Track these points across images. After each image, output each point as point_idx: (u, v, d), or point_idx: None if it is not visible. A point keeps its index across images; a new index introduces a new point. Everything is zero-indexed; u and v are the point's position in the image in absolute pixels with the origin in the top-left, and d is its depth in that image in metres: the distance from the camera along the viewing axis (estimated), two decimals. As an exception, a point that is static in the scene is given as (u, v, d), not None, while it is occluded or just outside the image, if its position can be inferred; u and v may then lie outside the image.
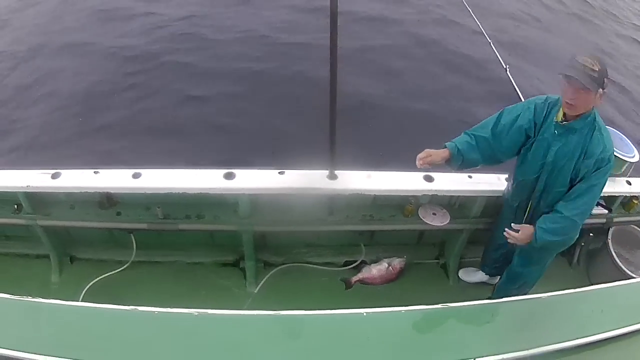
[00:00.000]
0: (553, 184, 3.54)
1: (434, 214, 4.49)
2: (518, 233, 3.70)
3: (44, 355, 2.76)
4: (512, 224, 3.78)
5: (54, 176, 4.02)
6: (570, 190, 3.46)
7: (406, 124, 7.65)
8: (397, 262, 4.65)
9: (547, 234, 3.53)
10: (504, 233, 3.76)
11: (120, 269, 4.58)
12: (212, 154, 6.38)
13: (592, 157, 3.31)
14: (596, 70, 3.07)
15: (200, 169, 4.10)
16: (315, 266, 4.89)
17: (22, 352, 2.79)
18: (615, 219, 4.84)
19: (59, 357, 2.75)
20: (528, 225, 3.71)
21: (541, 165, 3.54)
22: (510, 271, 4.32)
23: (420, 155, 3.65)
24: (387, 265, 4.57)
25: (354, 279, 4.58)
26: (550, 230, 3.53)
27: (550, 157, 3.47)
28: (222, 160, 4.45)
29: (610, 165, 3.33)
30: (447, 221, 4.46)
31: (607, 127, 3.45)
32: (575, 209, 3.45)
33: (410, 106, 8.03)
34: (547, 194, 3.60)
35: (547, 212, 3.60)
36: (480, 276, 4.87)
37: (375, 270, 4.58)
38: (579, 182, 3.40)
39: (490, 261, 4.67)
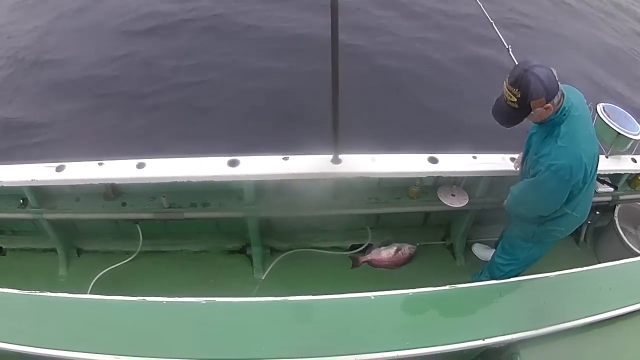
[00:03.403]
0: (527, 170, 3.54)
1: (453, 195, 4.46)
2: None
3: (54, 349, 2.78)
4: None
5: (59, 169, 4.02)
6: None
7: (409, 106, 7.62)
8: (408, 249, 4.63)
9: (509, 197, 3.70)
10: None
11: (128, 260, 4.60)
12: (215, 142, 6.36)
13: (536, 155, 3.27)
14: (515, 101, 3.02)
15: (204, 156, 4.09)
16: (321, 251, 4.89)
17: (32, 347, 2.81)
18: (622, 197, 4.82)
19: (69, 350, 2.76)
20: None
21: (526, 150, 3.63)
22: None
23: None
24: (397, 249, 4.54)
25: (362, 258, 4.57)
26: (510, 196, 3.69)
27: (527, 145, 3.60)
28: (226, 148, 4.43)
29: (547, 175, 3.16)
30: (467, 202, 4.43)
31: (615, 106, 3.43)
32: (517, 195, 3.58)
33: (412, 88, 8.00)
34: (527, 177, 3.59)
35: None
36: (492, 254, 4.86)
37: (385, 253, 4.57)
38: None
39: None
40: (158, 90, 7.90)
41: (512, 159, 4.20)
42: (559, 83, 3.01)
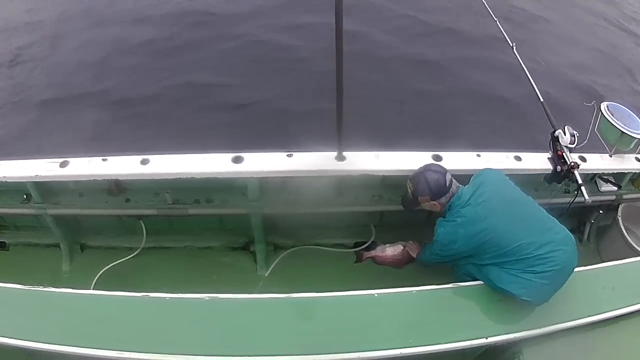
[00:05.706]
0: None
1: None
2: None
3: (57, 344, 2.79)
4: None
5: (63, 165, 4.02)
6: None
7: (413, 104, 7.62)
8: None
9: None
10: None
11: (131, 256, 4.60)
12: (220, 138, 6.36)
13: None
14: (410, 192, 3.60)
15: (208, 153, 4.09)
16: (325, 248, 4.88)
17: (35, 342, 2.82)
18: (625, 196, 4.80)
19: (72, 345, 2.77)
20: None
21: None
22: None
23: None
24: (402, 247, 4.49)
25: (367, 254, 4.49)
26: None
27: None
28: (230, 144, 4.44)
29: (434, 245, 3.57)
30: None
31: (619, 105, 3.41)
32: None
33: (416, 86, 7.99)
34: None
35: None
36: None
37: (390, 250, 4.49)
38: None
39: None
40: (161, 86, 7.91)
41: (516, 158, 4.20)
42: (451, 186, 3.46)
